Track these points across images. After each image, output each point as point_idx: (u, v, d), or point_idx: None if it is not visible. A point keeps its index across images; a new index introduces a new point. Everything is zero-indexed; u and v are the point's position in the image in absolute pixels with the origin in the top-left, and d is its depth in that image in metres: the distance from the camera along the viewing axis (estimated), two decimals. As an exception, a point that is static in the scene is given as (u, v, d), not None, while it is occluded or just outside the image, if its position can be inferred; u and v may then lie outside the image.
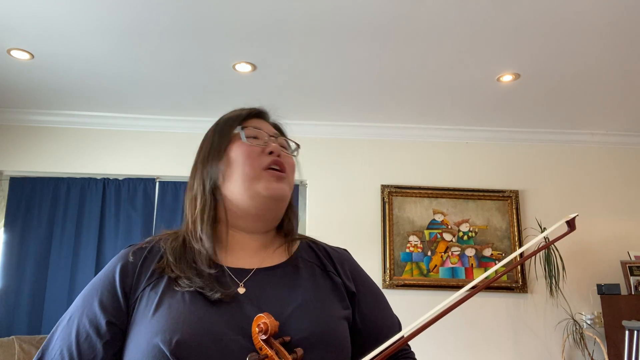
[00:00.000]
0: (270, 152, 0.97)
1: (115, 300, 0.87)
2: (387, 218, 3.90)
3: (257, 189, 0.94)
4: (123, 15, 2.61)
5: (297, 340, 0.83)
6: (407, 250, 3.87)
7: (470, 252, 3.89)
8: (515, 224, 3.93)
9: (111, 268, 0.92)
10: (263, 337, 0.79)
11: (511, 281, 3.84)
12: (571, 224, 0.81)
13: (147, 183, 3.88)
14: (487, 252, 3.90)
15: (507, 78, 3.27)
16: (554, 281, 3.68)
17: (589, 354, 3.65)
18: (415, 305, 3.67)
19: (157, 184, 3.91)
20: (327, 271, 0.99)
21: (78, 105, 3.75)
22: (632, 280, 3.70)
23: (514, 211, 3.96)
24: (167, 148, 3.92)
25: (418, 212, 3.95)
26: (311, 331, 0.85)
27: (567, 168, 4.12)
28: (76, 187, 3.82)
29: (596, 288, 3.71)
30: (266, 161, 0.96)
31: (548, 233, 0.82)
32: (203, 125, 1.04)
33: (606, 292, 3.62)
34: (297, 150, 1.06)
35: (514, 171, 4.10)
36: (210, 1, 2.50)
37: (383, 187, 3.97)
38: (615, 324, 3.47)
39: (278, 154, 0.97)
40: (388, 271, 3.79)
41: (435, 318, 0.72)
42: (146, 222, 3.80)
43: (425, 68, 3.16)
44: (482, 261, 3.87)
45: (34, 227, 3.72)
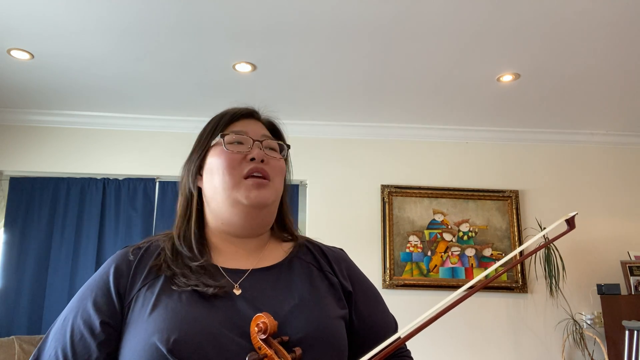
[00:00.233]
0: (252, 159, 0.94)
1: (109, 300, 0.87)
2: (387, 218, 3.90)
3: (238, 197, 0.93)
4: (123, 15, 2.61)
5: (296, 339, 0.83)
6: (407, 250, 3.87)
7: (470, 252, 3.89)
8: (515, 224, 3.93)
9: (105, 269, 0.92)
10: (262, 337, 0.79)
11: (511, 281, 3.84)
12: (571, 223, 0.81)
13: (147, 183, 3.88)
14: (487, 252, 3.90)
15: (507, 78, 3.27)
16: (554, 281, 3.68)
17: (589, 354, 3.65)
18: (415, 305, 3.67)
19: (157, 184, 3.91)
20: (324, 271, 0.99)
21: (78, 105, 3.76)
22: (632, 280, 3.70)
23: (514, 211, 3.96)
24: (167, 148, 3.92)
25: (418, 212, 3.95)
26: (309, 331, 0.85)
27: (567, 168, 4.12)
28: (76, 187, 3.82)
29: (596, 288, 3.71)
30: (247, 169, 0.94)
31: (548, 231, 0.82)
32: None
33: (606, 292, 3.62)
34: (287, 151, 1.03)
35: (514, 171, 4.10)
36: (210, 1, 2.50)
37: (383, 187, 3.97)
38: (615, 324, 3.47)
39: (261, 159, 0.95)
40: (388, 271, 3.79)
41: (433, 318, 0.72)
42: (146, 222, 3.80)
43: (425, 68, 3.16)
44: (482, 261, 3.87)
45: (34, 227, 3.72)
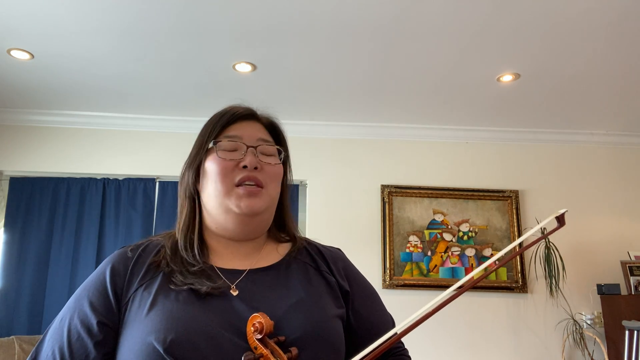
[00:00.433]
0: (244, 167, 0.93)
1: (106, 300, 0.88)
2: (387, 218, 3.90)
3: (229, 205, 0.93)
4: (123, 15, 2.62)
5: (292, 339, 0.83)
6: (407, 250, 3.87)
7: (470, 252, 3.89)
8: (515, 224, 3.93)
9: (102, 269, 0.92)
10: (258, 337, 0.79)
11: (511, 281, 3.84)
12: (560, 220, 0.83)
13: (147, 183, 3.88)
14: (487, 252, 3.90)
15: (507, 78, 3.27)
16: (554, 281, 3.68)
17: (589, 354, 3.65)
18: (415, 305, 3.66)
19: (157, 184, 3.91)
20: (321, 270, 0.99)
21: (78, 105, 3.76)
22: (632, 280, 3.70)
23: (514, 211, 3.96)
24: (167, 148, 3.92)
25: (418, 212, 3.95)
26: (305, 330, 0.85)
27: (567, 168, 4.12)
28: (76, 187, 3.82)
29: (596, 288, 3.71)
30: (238, 177, 0.93)
31: (539, 228, 0.83)
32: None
33: (606, 292, 3.62)
34: (282, 155, 1.01)
35: (514, 171, 4.10)
36: (210, 2, 2.50)
37: (383, 187, 3.97)
38: (615, 324, 3.47)
39: (255, 166, 0.94)
40: (388, 271, 3.79)
41: (428, 314, 0.72)
42: (146, 222, 3.80)
43: (425, 68, 3.16)
44: (482, 261, 3.87)
45: (34, 227, 3.72)
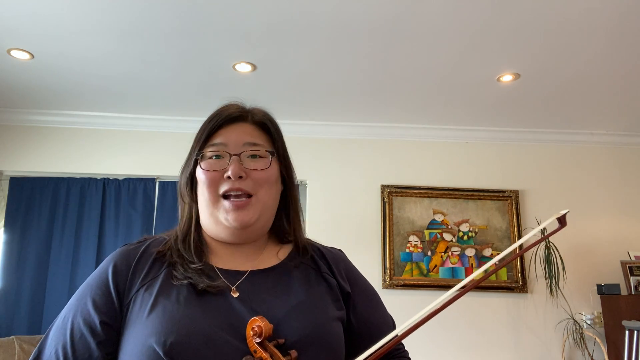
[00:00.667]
0: (229, 177, 0.91)
1: (108, 300, 0.87)
2: (387, 218, 3.90)
3: (219, 217, 0.93)
4: (123, 15, 2.61)
5: (292, 342, 0.83)
6: (407, 250, 3.87)
7: (470, 252, 3.89)
8: (515, 224, 3.93)
9: (105, 267, 0.92)
10: (257, 340, 0.79)
11: (511, 281, 3.84)
12: (562, 221, 0.82)
13: (147, 183, 3.88)
14: (487, 252, 3.89)
15: (507, 78, 3.26)
16: (554, 281, 3.67)
17: (589, 354, 3.65)
18: (415, 305, 3.67)
19: (157, 184, 3.91)
20: (322, 272, 0.99)
21: (78, 105, 3.76)
22: (632, 280, 3.69)
23: (514, 211, 3.96)
24: (167, 148, 3.92)
25: (418, 212, 3.95)
26: (305, 333, 0.85)
27: (567, 168, 4.12)
28: (76, 187, 3.82)
29: (596, 288, 3.71)
30: (223, 188, 0.91)
31: (540, 229, 0.83)
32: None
33: (606, 292, 3.61)
34: (271, 158, 0.96)
35: (514, 171, 4.09)
36: (210, 1, 2.50)
37: (383, 187, 3.97)
38: (615, 324, 3.46)
39: (239, 176, 0.91)
40: (388, 271, 3.79)
41: (429, 316, 0.72)
42: (146, 222, 3.80)
43: (425, 68, 3.16)
44: (482, 261, 3.87)
45: (34, 227, 3.72)
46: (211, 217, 0.94)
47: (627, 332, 3.29)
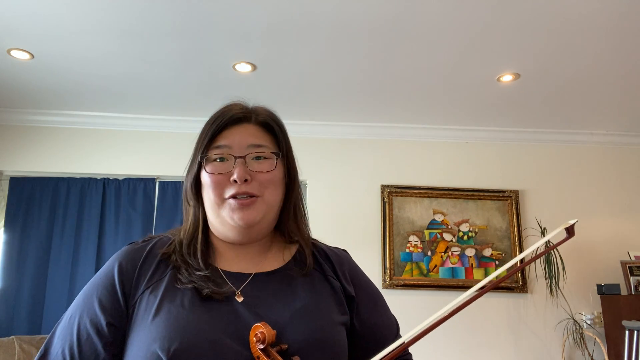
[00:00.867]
0: (235, 180, 0.90)
1: (115, 300, 0.87)
2: (387, 218, 3.90)
3: (224, 217, 0.92)
4: (123, 15, 2.61)
5: (295, 347, 0.82)
6: (407, 250, 3.87)
7: (470, 252, 3.89)
8: (515, 224, 3.93)
9: (110, 267, 0.91)
10: (261, 347, 0.79)
11: (511, 281, 3.84)
12: (570, 231, 0.81)
13: (147, 183, 3.88)
14: (487, 252, 3.89)
15: (507, 78, 3.26)
16: (554, 281, 3.68)
17: (589, 354, 3.65)
18: (415, 305, 3.67)
19: (157, 184, 3.91)
20: (326, 275, 0.98)
21: (78, 105, 3.75)
22: (632, 280, 3.70)
23: (514, 211, 3.96)
24: (167, 148, 3.92)
25: (418, 212, 3.95)
26: (308, 338, 0.85)
27: (567, 168, 4.12)
28: (76, 187, 3.81)
29: (596, 288, 3.71)
30: (229, 192, 0.91)
31: (548, 239, 0.82)
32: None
33: (606, 292, 3.61)
34: (276, 159, 0.95)
35: (514, 171, 4.09)
36: (210, 1, 2.50)
37: (383, 187, 3.97)
38: (615, 324, 3.46)
39: (244, 179, 0.90)
40: (388, 271, 3.79)
41: (433, 325, 0.71)
42: (146, 222, 3.80)
43: (425, 68, 3.16)
44: (482, 261, 3.87)
45: (34, 227, 3.71)
46: (218, 218, 0.94)
47: (627, 332, 3.29)
